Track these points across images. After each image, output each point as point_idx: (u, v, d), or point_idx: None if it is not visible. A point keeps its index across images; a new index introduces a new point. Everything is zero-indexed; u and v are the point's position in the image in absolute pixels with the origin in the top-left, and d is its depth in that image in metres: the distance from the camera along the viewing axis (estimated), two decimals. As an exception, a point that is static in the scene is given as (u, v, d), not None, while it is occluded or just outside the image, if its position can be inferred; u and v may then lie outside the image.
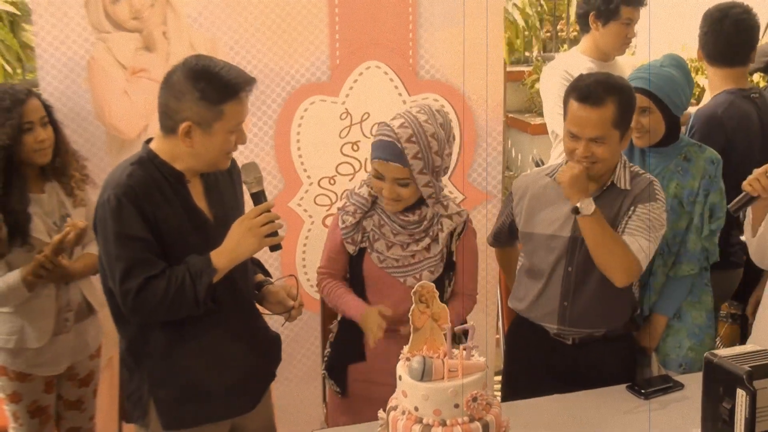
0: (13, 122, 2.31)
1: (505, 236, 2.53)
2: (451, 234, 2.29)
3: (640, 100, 2.39)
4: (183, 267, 1.93)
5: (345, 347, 2.35)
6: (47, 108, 2.45)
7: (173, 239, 1.96)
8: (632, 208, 2.25)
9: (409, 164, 2.14)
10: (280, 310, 2.17)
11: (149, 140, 2.04)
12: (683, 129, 2.93)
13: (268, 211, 1.99)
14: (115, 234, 1.92)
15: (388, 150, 2.14)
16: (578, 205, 2.16)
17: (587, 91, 2.19)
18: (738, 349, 1.89)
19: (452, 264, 2.33)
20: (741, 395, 1.76)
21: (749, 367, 1.76)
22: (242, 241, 1.95)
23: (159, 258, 1.94)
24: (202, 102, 1.91)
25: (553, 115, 3.11)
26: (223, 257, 1.95)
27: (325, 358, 2.43)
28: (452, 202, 2.31)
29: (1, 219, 1.95)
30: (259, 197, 2.04)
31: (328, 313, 2.56)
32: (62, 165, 2.47)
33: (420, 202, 2.24)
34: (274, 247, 2.03)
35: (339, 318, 2.39)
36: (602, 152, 2.20)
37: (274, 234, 1.99)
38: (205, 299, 1.93)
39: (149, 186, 1.95)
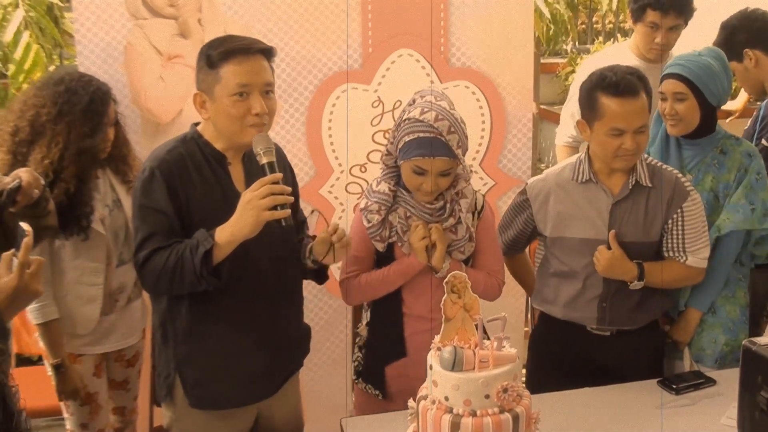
0: (100, 126, 2.35)
1: (523, 244, 2.50)
2: (472, 213, 2.27)
3: (676, 86, 2.37)
4: (187, 240, 1.92)
5: (382, 348, 2.31)
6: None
7: (204, 219, 1.95)
8: (678, 211, 2.24)
9: (455, 155, 2.13)
10: (325, 253, 2.06)
11: (198, 123, 2.07)
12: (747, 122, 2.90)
13: (278, 183, 1.89)
14: (140, 205, 1.95)
15: (432, 145, 2.10)
16: (630, 288, 2.26)
17: (623, 84, 2.17)
18: None
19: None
20: None
21: (789, 356, 1.72)
22: (242, 215, 1.87)
23: (178, 234, 1.93)
24: (204, 69, 1.96)
25: (567, 113, 3.19)
26: (225, 231, 1.89)
27: (356, 363, 2.38)
28: (461, 180, 2.26)
29: (48, 192, 2.01)
30: (266, 170, 1.93)
31: (357, 310, 2.54)
32: (120, 156, 2.50)
33: None
34: (283, 223, 1.89)
35: (368, 321, 2.35)
36: (644, 141, 2.23)
37: (284, 207, 1.87)
38: (202, 272, 1.87)
39: (186, 164, 1.97)
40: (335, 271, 2.98)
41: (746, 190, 2.40)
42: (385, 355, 2.30)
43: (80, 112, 2.33)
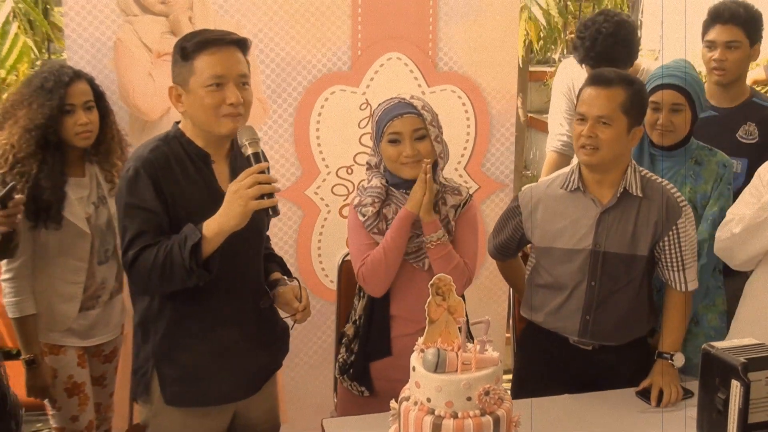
0: (52, 104, 2.33)
1: (513, 250, 2.49)
2: (455, 209, 2.28)
3: (675, 97, 2.39)
4: (175, 236, 1.91)
5: (368, 344, 2.31)
6: (97, 93, 2.46)
7: (190, 217, 1.93)
8: (674, 229, 2.23)
9: (421, 114, 2.19)
10: (289, 312, 2.14)
11: (179, 121, 2.06)
12: None
13: (264, 173, 1.87)
14: (126, 204, 1.94)
15: (399, 107, 2.20)
16: (673, 362, 2.27)
17: (599, 74, 2.21)
18: (735, 342, 1.92)
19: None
20: (735, 386, 1.80)
21: (745, 359, 1.80)
22: (229, 206, 1.86)
23: (167, 232, 1.92)
24: (179, 61, 1.97)
25: (554, 114, 3.32)
26: (212, 223, 1.87)
27: (340, 362, 2.39)
28: (453, 182, 2.32)
29: (21, 200, 2.03)
30: (251, 160, 1.90)
31: (342, 311, 2.55)
32: (106, 151, 2.49)
33: None
34: (270, 212, 1.88)
35: (356, 318, 2.36)
36: (607, 135, 2.15)
37: (270, 196, 1.85)
38: (192, 266, 1.85)
39: (170, 162, 1.96)
40: (320, 273, 2.99)
41: (721, 201, 2.44)
42: (371, 352, 2.31)
43: (36, 89, 2.34)
